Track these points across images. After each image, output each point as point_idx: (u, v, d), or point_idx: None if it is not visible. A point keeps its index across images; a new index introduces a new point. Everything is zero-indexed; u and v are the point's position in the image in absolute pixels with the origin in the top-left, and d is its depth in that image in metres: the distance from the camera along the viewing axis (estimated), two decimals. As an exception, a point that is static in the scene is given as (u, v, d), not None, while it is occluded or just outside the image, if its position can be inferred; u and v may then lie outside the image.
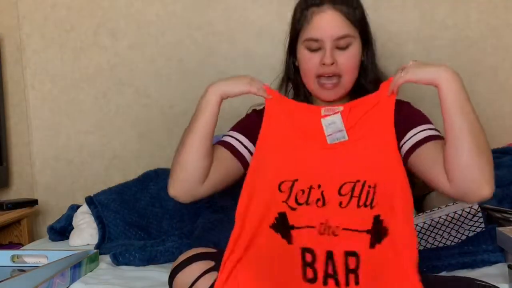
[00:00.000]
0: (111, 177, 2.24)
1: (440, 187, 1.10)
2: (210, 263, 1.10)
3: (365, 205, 1.12)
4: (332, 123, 1.20)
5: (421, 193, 1.72)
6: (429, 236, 1.51)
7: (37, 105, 2.26)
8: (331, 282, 1.08)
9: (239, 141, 1.27)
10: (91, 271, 1.47)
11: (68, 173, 2.27)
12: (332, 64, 1.22)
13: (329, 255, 1.10)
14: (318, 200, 1.14)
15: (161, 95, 2.21)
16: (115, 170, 2.25)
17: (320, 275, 1.09)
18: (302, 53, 1.26)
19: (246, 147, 1.27)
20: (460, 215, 1.47)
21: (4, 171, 2.22)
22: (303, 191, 1.15)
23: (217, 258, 1.11)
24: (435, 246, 1.51)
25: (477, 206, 1.48)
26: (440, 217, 1.49)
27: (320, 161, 1.17)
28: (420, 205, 1.69)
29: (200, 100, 1.23)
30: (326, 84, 1.25)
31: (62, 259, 1.39)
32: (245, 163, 1.25)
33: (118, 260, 1.53)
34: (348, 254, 1.09)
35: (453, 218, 1.47)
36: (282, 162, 1.19)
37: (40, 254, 1.56)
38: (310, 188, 1.15)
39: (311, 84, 1.28)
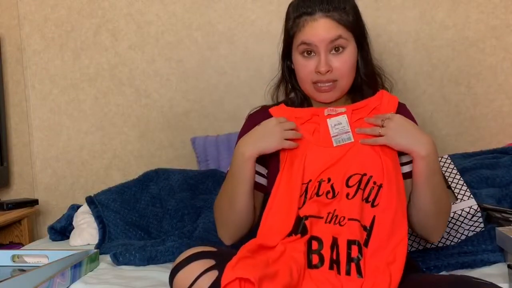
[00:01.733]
0: (111, 177, 2.24)
1: None
2: (210, 262, 1.09)
3: (367, 201, 1.15)
4: (338, 123, 1.24)
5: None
6: (428, 236, 1.51)
7: (37, 105, 2.27)
8: (335, 268, 1.09)
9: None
10: (91, 271, 1.47)
11: (68, 173, 2.27)
12: (327, 72, 1.23)
13: (335, 241, 1.11)
14: (328, 192, 1.17)
15: (161, 95, 2.22)
16: (115, 170, 2.25)
17: (327, 259, 1.09)
18: (297, 59, 1.27)
19: (258, 172, 1.30)
20: (460, 215, 1.47)
21: (4, 171, 2.22)
22: (314, 187, 1.18)
23: (217, 257, 1.11)
24: (434, 246, 1.51)
25: (477, 206, 1.48)
26: (439, 217, 1.49)
27: (328, 159, 1.21)
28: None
29: (235, 161, 1.24)
30: (323, 87, 1.26)
31: (62, 259, 1.39)
32: (263, 189, 1.31)
33: (118, 260, 1.53)
34: (351, 242, 1.10)
35: (452, 218, 1.47)
36: (296, 170, 1.21)
37: (40, 254, 1.56)
38: (320, 182, 1.18)
39: (307, 89, 1.30)
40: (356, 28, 1.26)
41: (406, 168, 1.24)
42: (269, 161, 1.30)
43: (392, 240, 1.11)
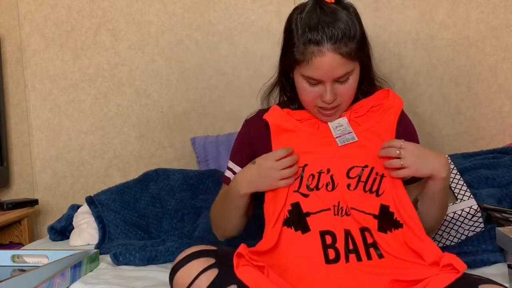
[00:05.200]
0: (111, 177, 2.24)
1: None
2: (210, 260, 1.10)
3: (371, 191, 1.18)
4: (339, 125, 1.26)
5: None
6: (428, 236, 1.51)
7: (37, 105, 2.27)
8: (352, 257, 1.12)
9: None
10: (91, 271, 1.47)
11: (68, 173, 2.27)
12: (333, 101, 1.23)
13: (347, 232, 1.14)
14: (328, 184, 1.19)
15: (161, 95, 2.22)
16: (115, 170, 2.25)
17: (342, 253, 1.12)
18: (300, 82, 1.24)
19: None
20: (460, 215, 1.47)
21: (4, 171, 2.22)
22: (313, 176, 1.20)
23: (217, 256, 1.11)
24: (434, 246, 1.51)
25: (477, 206, 1.48)
26: (439, 217, 1.49)
27: (329, 149, 1.23)
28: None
29: (231, 192, 1.28)
30: (326, 112, 1.26)
31: (62, 259, 1.39)
32: (251, 196, 1.31)
33: (118, 260, 1.53)
34: (363, 229, 1.15)
35: (452, 218, 1.47)
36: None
37: (40, 254, 1.56)
38: (320, 172, 1.20)
39: (310, 110, 1.29)
40: (362, 52, 1.23)
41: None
42: None
43: (410, 223, 1.15)
